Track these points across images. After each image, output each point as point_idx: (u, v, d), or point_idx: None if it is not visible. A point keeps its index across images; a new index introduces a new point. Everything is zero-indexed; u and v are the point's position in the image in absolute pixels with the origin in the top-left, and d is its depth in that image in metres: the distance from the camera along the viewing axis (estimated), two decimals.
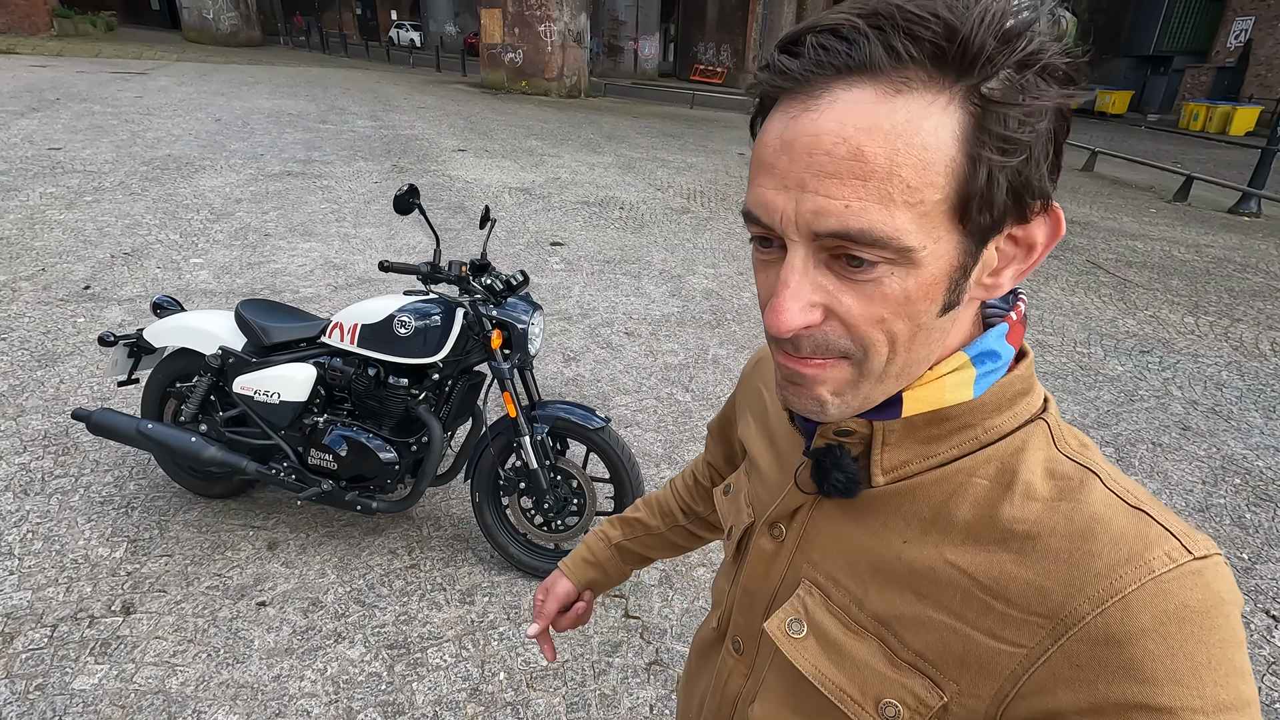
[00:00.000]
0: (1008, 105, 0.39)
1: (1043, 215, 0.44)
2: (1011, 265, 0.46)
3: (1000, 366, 0.49)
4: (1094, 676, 0.40)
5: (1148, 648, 0.39)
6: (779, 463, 0.61)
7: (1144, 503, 0.44)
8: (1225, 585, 0.41)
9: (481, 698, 1.88)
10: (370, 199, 6.64)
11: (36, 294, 4.07)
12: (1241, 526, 2.83)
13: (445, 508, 2.60)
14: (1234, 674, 0.39)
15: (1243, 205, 9.45)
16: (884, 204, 0.39)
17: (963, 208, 0.40)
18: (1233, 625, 0.40)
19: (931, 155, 0.39)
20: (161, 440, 2.21)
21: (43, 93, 11.08)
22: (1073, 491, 0.45)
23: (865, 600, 0.51)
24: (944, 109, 0.39)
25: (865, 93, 0.39)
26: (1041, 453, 0.47)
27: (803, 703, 0.55)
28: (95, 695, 1.79)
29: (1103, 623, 0.40)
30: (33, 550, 2.24)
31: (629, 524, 0.93)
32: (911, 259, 0.41)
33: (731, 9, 29.73)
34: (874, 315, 0.43)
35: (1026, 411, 0.49)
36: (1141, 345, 4.59)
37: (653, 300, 4.79)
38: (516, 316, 2.10)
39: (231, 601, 2.11)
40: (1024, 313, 0.51)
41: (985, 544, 0.46)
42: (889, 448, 0.50)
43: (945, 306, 0.44)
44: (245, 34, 26.04)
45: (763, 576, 0.60)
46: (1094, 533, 0.42)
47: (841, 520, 0.54)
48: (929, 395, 0.48)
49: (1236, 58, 23.68)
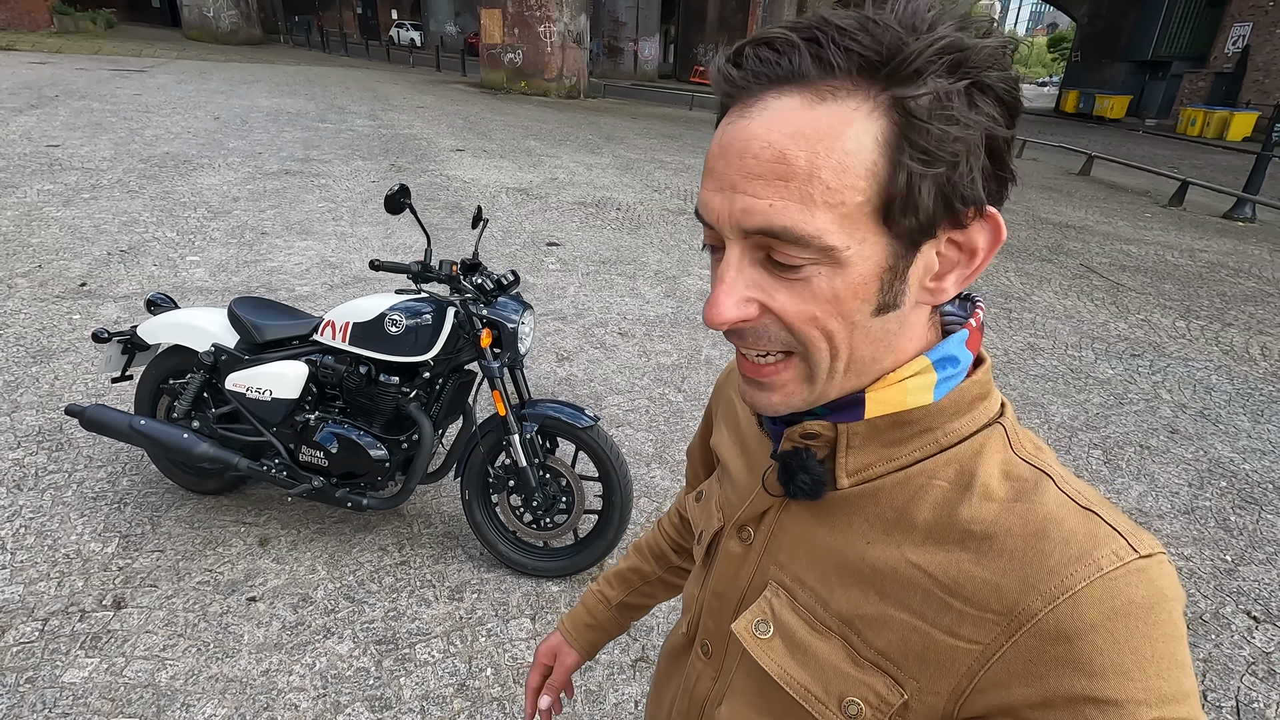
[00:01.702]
0: (929, 120, 0.40)
1: (980, 221, 0.45)
2: (955, 270, 0.47)
3: (960, 372, 0.50)
4: (1045, 671, 0.42)
5: (1095, 642, 0.41)
6: (749, 467, 0.62)
7: (1094, 503, 0.45)
8: (1168, 582, 0.43)
9: (468, 693, 1.90)
10: (368, 198, 6.66)
11: (33, 290, 4.08)
12: (1226, 529, 2.85)
13: (435, 505, 2.62)
14: (1175, 667, 0.41)
15: (1238, 210, 9.49)
16: (804, 204, 0.41)
17: (885, 210, 0.42)
18: (1175, 620, 0.42)
19: (852, 159, 0.41)
20: (154, 436, 2.23)
21: (42, 90, 11.09)
22: (1027, 493, 0.46)
23: (830, 600, 0.52)
24: (867, 115, 0.41)
25: (793, 100, 0.41)
26: (998, 455, 0.49)
27: (769, 703, 0.56)
28: (85, 688, 1.81)
29: (1054, 619, 0.42)
30: (25, 545, 2.26)
31: (625, 579, 0.92)
32: (836, 258, 0.43)
33: (732, 11, 29.77)
34: (806, 313, 0.45)
35: (985, 416, 0.51)
36: (1133, 349, 4.62)
37: (647, 301, 4.81)
38: (506, 316, 2.12)
39: (222, 597, 2.13)
40: (982, 320, 0.53)
41: (945, 544, 0.47)
42: (853, 451, 0.51)
43: (880, 307, 0.45)
44: (245, 32, 26.04)
45: (731, 579, 0.61)
46: (1047, 532, 0.44)
47: (808, 522, 0.55)
48: (891, 397, 0.49)
49: (1234, 63, 23.74)
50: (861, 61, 0.40)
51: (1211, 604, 2.43)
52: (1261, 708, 2.06)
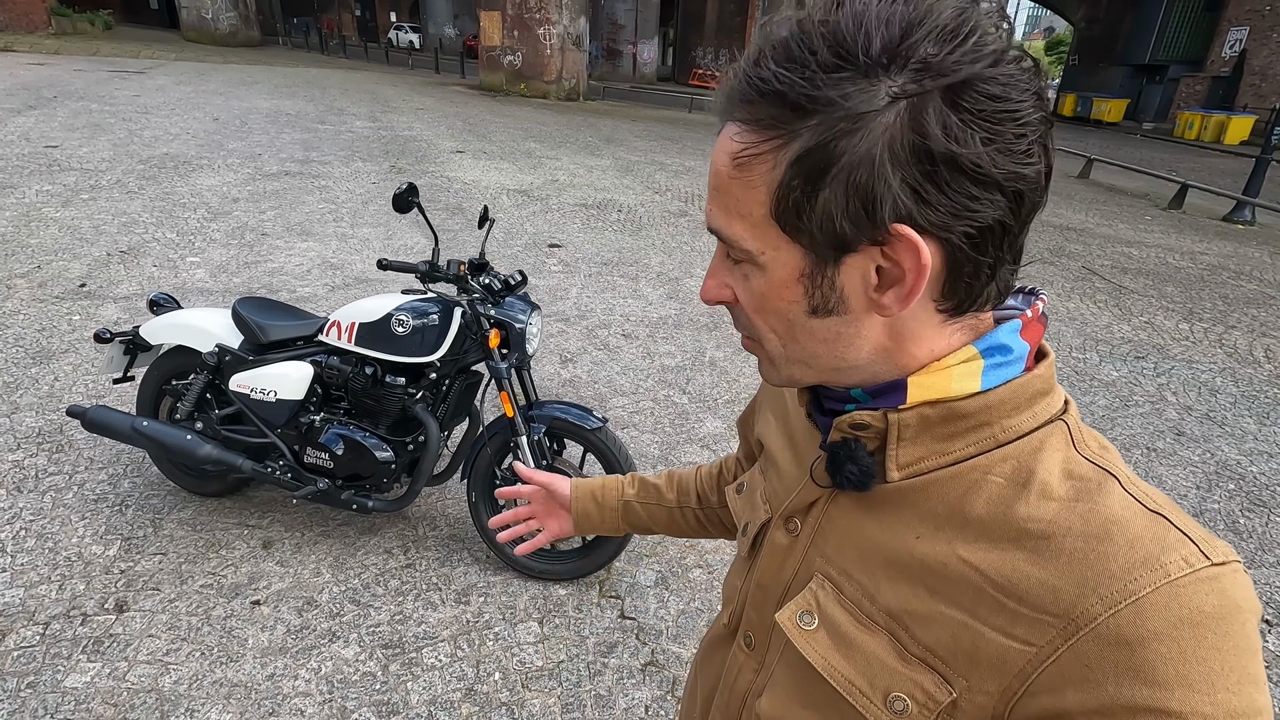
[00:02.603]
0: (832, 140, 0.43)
1: (903, 244, 0.44)
2: (894, 288, 0.46)
3: (1011, 361, 0.49)
4: (1103, 678, 0.40)
5: (1160, 651, 0.39)
6: (797, 459, 0.62)
7: (1163, 507, 0.44)
8: (1243, 593, 0.41)
9: (476, 698, 1.87)
10: (368, 199, 6.64)
11: (32, 291, 4.05)
12: (1235, 532, 2.84)
13: (441, 507, 2.59)
14: (1247, 681, 0.39)
15: (1237, 213, 9.52)
16: (726, 213, 0.49)
17: (782, 224, 0.47)
18: (1248, 633, 0.40)
19: (757, 178, 0.46)
20: (156, 438, 2.20)
21: (40, 90, 11.06)
22: (1090, 493, 0.45)
23: (877, 594, 0.52)
24: (779, 144, 0.45)
25: (735, 128, 0.47)
26: (1060, 453, 0.48)
27: (811, 696, 0.56)
28: (87, 693, 1.78)
29: (1115, 624, 0.40)
30: (26, 548, 2.23)
31: (646, 487, 0.94)
32: (756, 261, 0.49)
33: (730, 14, 29.85)
34: (751, 304, 0.52)
35: (1046, 412, 0.49)
36: (1136, 351, 4.62)
37: (650, 302, 4.80)
38: (514, 316, 2.10)
39: (226, 600, 2.11)
40: (1041, 311, 0.51)
41: (999, 542, 0.46)
42: (904, 443, 0.50)
43: (815, 309, 0.49)
44: (244, 34, 26.04)
45: (776, 570, 0.61)
46: (1110, 534, 0.42)
47: (856, 515, 0.54)
48: (935, 383, 0.49)
49: (1231, 67, 23.85)
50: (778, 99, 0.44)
51: None
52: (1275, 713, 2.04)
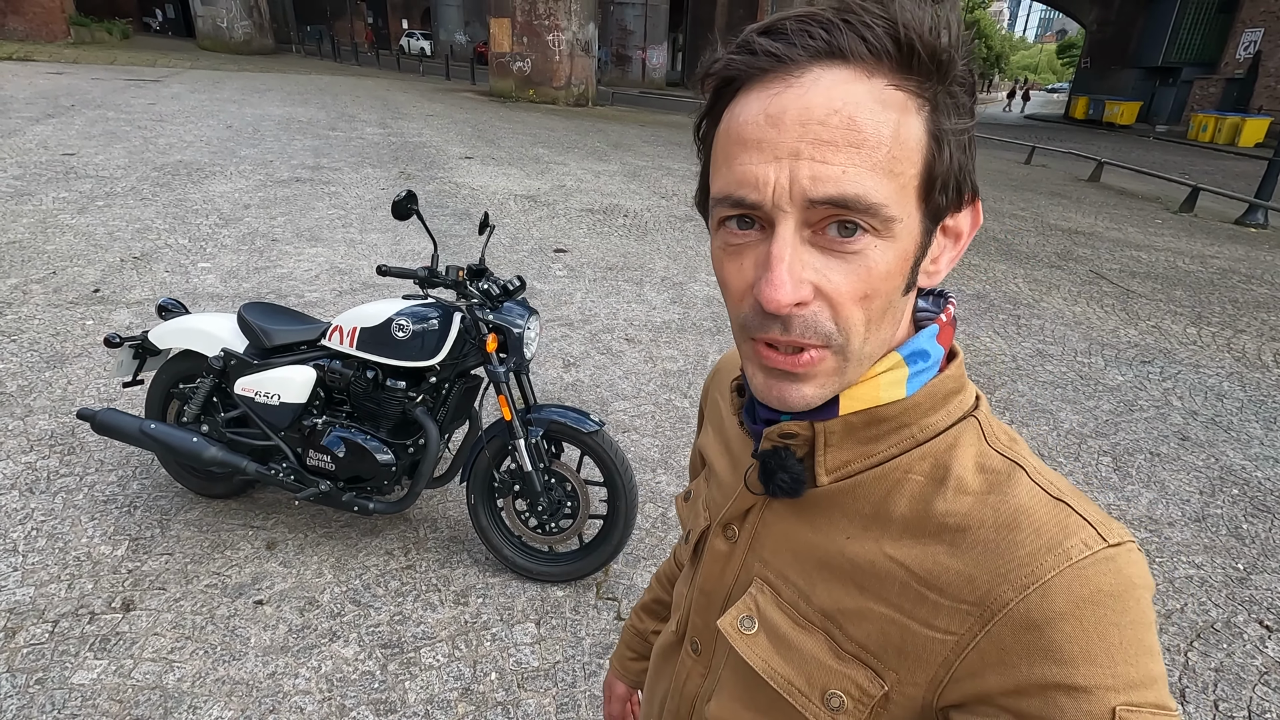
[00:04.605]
0: (957, 110, 0.45)
1: (969, 207, 0.49)
2: (945, 254, 0.50)
3: (931, 366, 0.51)
4: (1017, 659, 0.43)
5: (1065, 630, 0.41)
6: (733, 467, 0.63)
7: (1065, 494, 0.46)
8: (1137, 570, 0.43)
9: (473, 697, 1.90)
10: (377, 205, 6.71)
11: (47, 296, 4.14)
12: (1238, 537, 2.82)
13: (441, 509, 2.63)
14: (1143, 653, 0.42)
15: (1249, 217, 9.41)
16: (875, 172, 0.42)
17: (927, 187, 0.44)
18: (1143, 608, 0.42)
19: (906, 134, 0.43)
20: (164, 440, 2.25)
21: (58, 99, 11.25)
22: (1000, 485, 0.47)
23: (812, 595, 0.53)
24: (914, 97, 0.43)
25: (845, 73, 0.42)
26: (973, 448, 0.50)
27: (755, 699, 0.57)
28: (94, 690, 1.82)
29: (1024, 608, 0.42)
30: (36, 547, 2.28)
31: (651, 611, 0.94)
32: (892, 231, 0.43)
33: (740, 19, 29.85)
34: (858, 291, 0.44)
35: (959, 409, 0.52)
36: (1143, 355, 4.59)
37: (654, 307, 4.82)
38: (512, 321, 2.13)
39: (229, 600, 2.15)
40: (954, 315, 0.54)
41: (921, 537, 0.48)
42: (831, 449, 0.52)
43: (907, 285, 0.47)
44: (258, 42, 26.36)
45: (718, 577, 0.62)
46: (1018, 523, 0.45)
47: (790, 520, 0.56)
48: (864, 394, 0.50)
49: (1246, 69, 23.59)
50: (899, 47, 0.42)
51: (1223, 613, 2.40)
52: (1274, 719, 2.03)
